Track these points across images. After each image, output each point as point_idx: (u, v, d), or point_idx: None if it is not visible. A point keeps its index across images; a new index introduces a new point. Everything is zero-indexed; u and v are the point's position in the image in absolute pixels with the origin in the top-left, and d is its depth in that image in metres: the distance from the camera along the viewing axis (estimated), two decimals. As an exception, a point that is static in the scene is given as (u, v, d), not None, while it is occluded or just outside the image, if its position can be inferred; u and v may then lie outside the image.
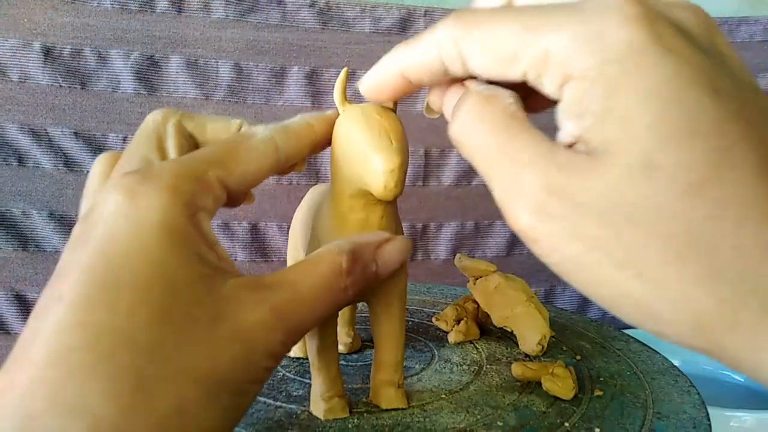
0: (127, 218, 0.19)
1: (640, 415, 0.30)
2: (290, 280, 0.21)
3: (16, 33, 0.60)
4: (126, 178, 0.19)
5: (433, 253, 0.75)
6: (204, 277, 0.19)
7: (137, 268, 0.18)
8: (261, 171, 0.23)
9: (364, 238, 0.24)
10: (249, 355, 0.19)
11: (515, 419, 0.29)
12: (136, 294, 0.18)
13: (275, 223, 0.68)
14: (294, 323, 0.20)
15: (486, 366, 0.36)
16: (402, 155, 0.24)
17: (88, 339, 0.17)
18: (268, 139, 0.23)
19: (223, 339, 0.19)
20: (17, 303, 0.63)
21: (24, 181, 0.62)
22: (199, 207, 0.20)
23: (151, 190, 0.19)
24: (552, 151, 0.17)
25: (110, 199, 0.19)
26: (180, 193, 0.19)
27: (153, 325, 0.18)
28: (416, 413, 0.29)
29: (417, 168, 0.72)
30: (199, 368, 0.18)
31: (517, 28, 0.17)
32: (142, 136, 0.24)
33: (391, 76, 0.21)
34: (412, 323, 0.43)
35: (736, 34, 0.78)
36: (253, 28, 0.66)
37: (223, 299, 0.19)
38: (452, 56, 0.19)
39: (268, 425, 0.28)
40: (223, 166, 0.21)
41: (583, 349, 0.39)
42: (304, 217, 0.31)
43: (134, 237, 0.18)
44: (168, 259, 0.19)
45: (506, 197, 0.17)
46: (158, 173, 0.20)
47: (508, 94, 0.19)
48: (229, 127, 0.25)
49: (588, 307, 0.80)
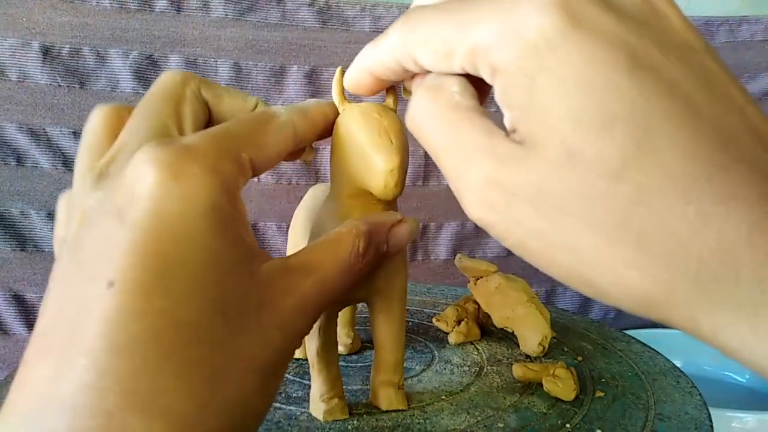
0: (174, 198, 0.17)
1: (641, 416, 0.29)
2: (315, 263, 0.21)
3: (15, 32, 0.60)
4: (164, 153, 0.18)
5: (433, 253, 0.75)
6: (246, 262, 0.19)
7: (189, 253, 0.17)
8: (280, 155, 0.22)
9: (378, 219, 0.24)
10: (288, 342, 0.19)
11: (516, 420, 0.29)
12: (190, 281, 0.17)
13: (275, 223, 0.68)
14: (319, 307, 0.20)
15: (487, 367, 0.35)
16: (402, 155, 0.24)
17: (152, 329, 0.16)
18: (289, 122, 0.22)
19: (269, 327, 0.18)
20: (15, 303, 0.63)
21: (22, 181, 0.62)
22: (237, 187, 0.19)
23: (197, 170, 0.18)
24: (492, 143, 0.17)
25: (150, 174, 0.17)
26: (221, 174, 0.19)
27: (211, 315, 0.17)
28: (416, 415, 0.29)
29: (417, 168, 0.72)
30: (255, 357, 0.18)
31: (450, 25, 0.18)
32: (158, 96, 0.22)
33: (362, 75, 0.22)
34: (413, 324, 0.43)
35: (738, 33, 0.77)
36: (252, 27, 0.65)
37: (263, 285, 0.19)
38: (405, 56, 0.20)
39: (268, 427, 0.28)
40: (253, 146, 0.21)
41: (584, 350, 0.39)
42: (304, 217, 0.31)
43: (183, 219, 0.17)
44: (216, 244, 0.18)
45: (457, 189, 0.18)
46: (200, 151, 0.18)
47: (454, 82, 0.19)
48: (246, 103, 0.25)
49: (589, 308, 0.80)
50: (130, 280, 0.16)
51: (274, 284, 0.19)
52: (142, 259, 0.17)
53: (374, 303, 0.28)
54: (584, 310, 0.79)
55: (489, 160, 0.17)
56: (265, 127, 0.22)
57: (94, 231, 0.18)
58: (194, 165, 0.18)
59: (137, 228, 0.17)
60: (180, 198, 0.17)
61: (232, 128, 0.21)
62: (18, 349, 0.64)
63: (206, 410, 0.16)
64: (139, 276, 0.16)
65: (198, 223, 0.17)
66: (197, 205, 0.18)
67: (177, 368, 0.16)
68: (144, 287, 0.16)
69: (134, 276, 0.16)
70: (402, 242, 0.24)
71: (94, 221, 0.18)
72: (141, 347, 0.16)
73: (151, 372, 0.16)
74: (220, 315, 0.17)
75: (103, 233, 0.17)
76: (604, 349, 0.39)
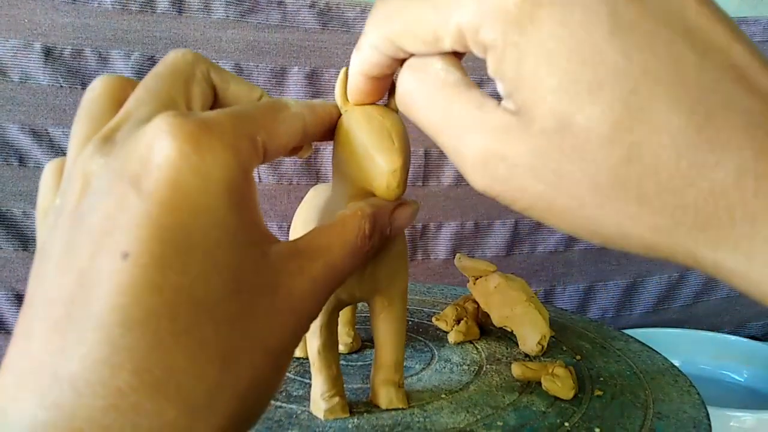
0: (194, 171, 0.16)
1: (640, 415, 0.30)
2: (323, 247, 0.21)
3: (17, 33, 0.60)
4: (185, 123, 0.17)
5: (433, 253, 0.75)
6: (259, 244, 0.18)
7: (207, 229, 0.16)
8: (289, 145, 0.22)
9: (382, 201, 0.24)
10: (300, 326, 0.19)
11: (515, 419, 0.29)
12: (208, 258, 0.16)
13: (275, 223, 0.68)
14: (328, 290, 0.20)
15: (486, 366, 0.36)
16: (404, 155, 0.24)
17: (168, 305, 0.15)
18: (300, 115, 0.22)
19: (282, 310, 0.18)
20: (17, 303, 0.63)
21: (25, 181, 0.62)
22: (252, 168, 0.19)
23: (217, 145, 0.17)
24: (486, 116, 0.18)
25: (169, 143, 0.16)
26: (239, 153, 0.18)
27: (226, 295, 0.17)
28: (416, 413, 0.29)
29: (417, 168, 0.72)
30: (267, 340, 0.18)
31: (428, 10, 0.18)
32: (167, 73, 0.21)
33: (358, 80, 0.23)
34: (412, 323, 0.43)
35: (736, 34, 0.77)
36: (253, 28, 0.66)
37: (275, 268, 0.19)
38: (390, 48, 0.20)
39: (268, 425, 0.28)
40: (267, 131, 0.20)
41: (583, 349, 0.39)
42: (305, 217, 0.31)
43: (203, 193, 0.16)
44: (233, 222, 0.17)
45: (458, 162, 0.18)
46: (219, 127, 0.18)
47: (436, 59, 0.19)
48: (251, 93, 0.24)
49: (588, 307, 0.80)
50: (147, 252, 0.15)
51: (285, 267, 0.19)
52: (159, 232, 0.16)
53: (375, 302, 0.28)
54: (583, 310, 0.80)
55: (486, 134, 0.17)
56: (279, 115, 0.21)
57: (103, 198, 0.16)
58: (215, 139, 0.17)
59: (155, 198, 0.16)
60: (200, 171, 0.16)
61: (249, 110, 0.20)
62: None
63: (218, 393, 0.16)
64: (156, 249, 0.16)
65: (217, 198, 0.17)
66: (217, 180, 0.17)
67: (191, 348, 0.16)
68: (161, 261, 0.16)
69: (151, 249, 0.16)
70: (404, 224, 0.25)
71: (103, 188, 0.17)
72: (156, 323, 0.15)
73: (165, 350, 0.15)
74: (235, 295, 0.17)
75: (114, 201, 0.16)
76: (602, 348, 0.39)
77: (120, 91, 0.21)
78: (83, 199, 0.17)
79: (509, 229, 0.76)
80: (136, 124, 0.18)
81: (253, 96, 0.24)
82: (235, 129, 0.18)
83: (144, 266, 0.15)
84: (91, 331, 0.15)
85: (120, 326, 0.15)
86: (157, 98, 0.20)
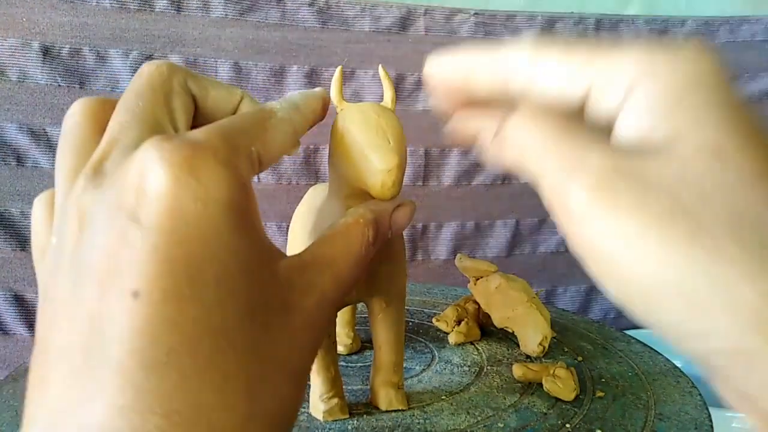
0: (191, 197, 0.16)
1: (641, 416, 0.29)
2: (329, 259, 0.20)
3: (15, 32, 0.60)
4: (174, 148, 0.16)
5: (433, 253, 0.75)
6: (267, 262, 0.18)
7: (215, 255, 0.16)
8: (282, 151, 0.21)
9: (381, 206, 0.24)
10: (315, 341, 0.19)
11: (516, 420, 0.29)
12: (220, 285, 0.16)
13: (275, 223, 0.68)
14: (336, 302, 0.20)
15: (487, 367, 0.35)
16: (400, 155, 0.24)
17: (187, 341, 0.15)
18: (288, 119, 0.22)
19: (298, 329, 0.18)
20: (16, 303, 0.63)
21: (23, 181, 0.62)
22: (250, 183, 0.19)
23: (212, 165, 0.16)
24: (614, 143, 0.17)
25: (162, 171, 0.16)
26: (236, 169, 0.17)
27: (242, 320, 0.16)
28: (416, 415, 0.29)
29: (417, 168, 0.72)
30: (287, 361, 0.17)
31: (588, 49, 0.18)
32: (146, 90, 0.20)
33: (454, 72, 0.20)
34: (412, 324, 0.43)
35: (738, 33, 0.77)
36: (252, 27, 0.65)
37: (284, 285, 0.18)
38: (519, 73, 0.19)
39: (267, 427, 0.28)
40: (260, 142, 0.20)
41: (584, 350, 0.39)
42: (304, 217, 0.31)
43: (204, 219, 0.16)
44: (240, 244, 0.17)
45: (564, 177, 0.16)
46: (211, 146, 0.17)
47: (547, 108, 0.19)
48: (231, 96, 0.24)
49: (589, 308, 0.80)
50: (158, 289, 0.15)
51: (294, 283, 0.18)
52: (167, 265, 0.15)
53: (373, 303, 0.28)
54: (584, 311, 0.79)
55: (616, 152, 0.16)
56: (269, 123, 0.21)
57: (102, 235, 0.16)
58: (208, 160, 0.16)
59: (156, 230, 0.15)
60: (198, 195, 0.16)
61: (238, 123, 0.19)
62: (18, 349, 0.64)
63: (249, 424, 0.16)
64: (167, 284, 0.15)
65: (220, 222, 0.16)
66: (217, 201, 0.16)
67: (216, 381, 0.15)
68: (174, 295, 0.15)
69: (161, 284, 0.15)
70: (403, 226, 0.24)
71: (101, 224, 0.16)
72: (178, 361, 0.15)
73: (191, 388, 0.15)
74: (251, 320, 0.16)
75: (115, 238, 0.16)
76: (604, 349, 0.39)
77: (101, 114, 0.20)
78: (81, 237, 0.16)
79: (510, 230, 0.75)
80: (123, 152, 0.17)
81: (233, 99, 0.24)
82: (227, 145, 0.18)
83: (156, 303, 0.15)
84: (112, 377, 0.14)
85: (141, 369, 0.14)
86: (141, 120, 0.19)
